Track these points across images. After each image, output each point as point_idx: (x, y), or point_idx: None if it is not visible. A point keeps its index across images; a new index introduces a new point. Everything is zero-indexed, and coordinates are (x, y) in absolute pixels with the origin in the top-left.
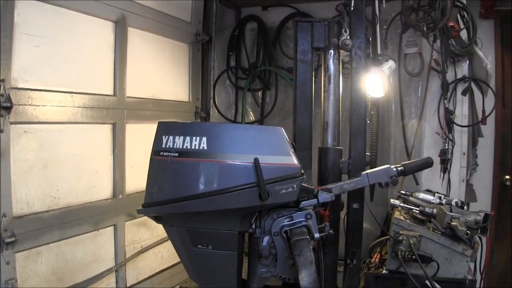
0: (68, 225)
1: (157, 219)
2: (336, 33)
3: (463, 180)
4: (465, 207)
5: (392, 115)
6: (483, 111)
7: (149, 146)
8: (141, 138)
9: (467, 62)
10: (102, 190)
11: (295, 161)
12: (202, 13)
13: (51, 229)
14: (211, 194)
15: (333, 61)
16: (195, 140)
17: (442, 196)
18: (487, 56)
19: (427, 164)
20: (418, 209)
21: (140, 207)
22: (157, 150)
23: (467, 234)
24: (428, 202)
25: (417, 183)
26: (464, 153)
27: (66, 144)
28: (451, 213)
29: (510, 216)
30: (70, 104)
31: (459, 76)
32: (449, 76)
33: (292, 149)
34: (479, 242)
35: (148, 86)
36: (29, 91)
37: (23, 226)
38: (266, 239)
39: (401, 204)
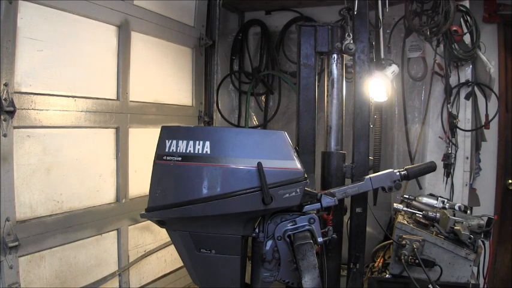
0: (71, 230)
1: (160, 223)
2: (339, 38)
3: (466, 185)
4: (468, 212)
5: (396, 119)
6: (486, 115)
7: (152, 150)
8: (144, 143)
9: (471, 66)
10: (106, 194)
11: (298, 165)
12: (206, 17)
13: (54, 233)
14: (214, 198)
15: (336, 65)
16: (198, 145)
17: (445, 200)
18: (490, 60)
19: (430, 168)
20: (421, 213)
21: (143, 212)
22: (160, 155)
23: (470, 238)
24: (432, 206)
25: (420, 188)
26: (467, 158)
27: (69, 148)
28: (454, 218)
29: None
30: (73, 108)
31: (462, 80)
32: (453, 80)
33: (295, 153)
34: (483, 246)
35: (152, 90)
36: (32, 95)
37: (26, 230)
38: (269, 243)
39: (405, 209)
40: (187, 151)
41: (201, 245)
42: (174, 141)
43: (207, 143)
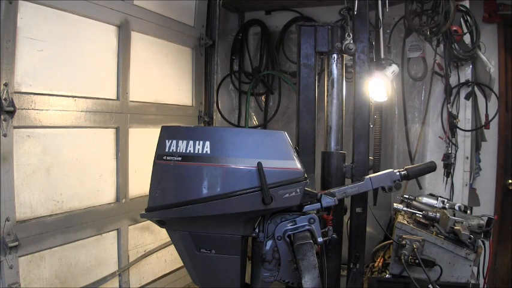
0: (71, 230)
1: (160, 223)
2: (339, 38)
3: (466, 185)
4: (468, 212)
5: (396, 119)
6: (486, 115)
7: (152, 150)
8: (144, 143)
9: (471, 66)
10: (106, 194)
11: (298, 165)
12: (206, 17)
13: (54, 233)
14: (214, 198)
15: (336, 65)
16: (198, 144)
17: (445, 200)
18: (490, 60)
19: (430, 168)
20: (421, 213)
21: (143, 212)
22: (160, 155)
23: (470, 238)
24: (432, 206)
25: (420, 188)
26: (467, 158)
27: (69, 148)
28: (454, 218)
29: None
30: (73, 108)
31: (462, 80)
32: (453, 80)
33: (295, 153)
34: (483, 246)
35: (152, 90)
36: (32, 95)
37: (26, 230)
38: (269, 243)
39: (405, 209)
40: (187, 151)
41: (201, 245)
42: (174, 141)
43: (207, 143)
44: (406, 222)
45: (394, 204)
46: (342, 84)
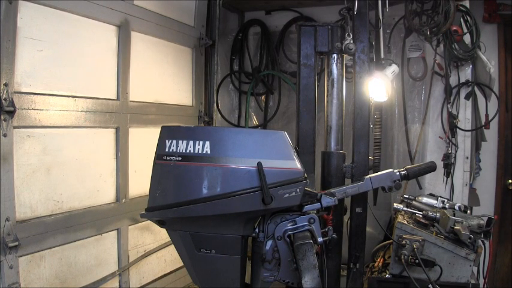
0: (71, 230)
1: (160, 223)
2: (339, 38)
3: (466, 185)
4: (468, 212)
5: (396, 119)
6: (486, 115)
7: (152, 150)
8: (144, 143)
9: (471, 66)
10: (106, 194)
11: (298, 165)
12: (206, 17)
13: (54, 233)
14: (214, 198)
15: (336, 65)
16: (198, 144)
17: (445, 200)
18: (490, 60)
19: (430, 168)
20: (421, 213)
21: (143, 212)
22: (160, 154)
23: (470, 238)
24: (432, 206)
25: (420, 188)
26: (467, 158)
27: (69, 148)
28: (454, 218)
29: None
30: (73, 108)
31: (462, 80)
32: (453, 80)
33: (295, 153)
34: (483, 246)
35: (152, 90)
36: (32, 95)
37: (26, 230)
38: (269, 243)
39: (405, 209)
40: (187, 151)
41: (201, 245)
42: (174, 141)
43: (207, 143)
44: (406, 222)
45: (394, 204)
46: (342, 84)
